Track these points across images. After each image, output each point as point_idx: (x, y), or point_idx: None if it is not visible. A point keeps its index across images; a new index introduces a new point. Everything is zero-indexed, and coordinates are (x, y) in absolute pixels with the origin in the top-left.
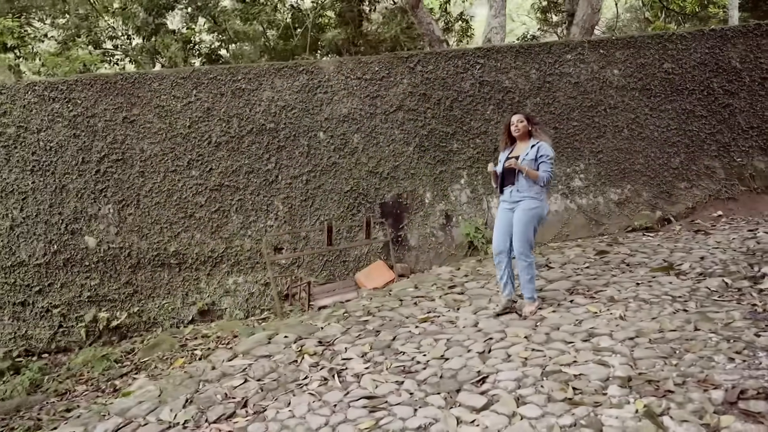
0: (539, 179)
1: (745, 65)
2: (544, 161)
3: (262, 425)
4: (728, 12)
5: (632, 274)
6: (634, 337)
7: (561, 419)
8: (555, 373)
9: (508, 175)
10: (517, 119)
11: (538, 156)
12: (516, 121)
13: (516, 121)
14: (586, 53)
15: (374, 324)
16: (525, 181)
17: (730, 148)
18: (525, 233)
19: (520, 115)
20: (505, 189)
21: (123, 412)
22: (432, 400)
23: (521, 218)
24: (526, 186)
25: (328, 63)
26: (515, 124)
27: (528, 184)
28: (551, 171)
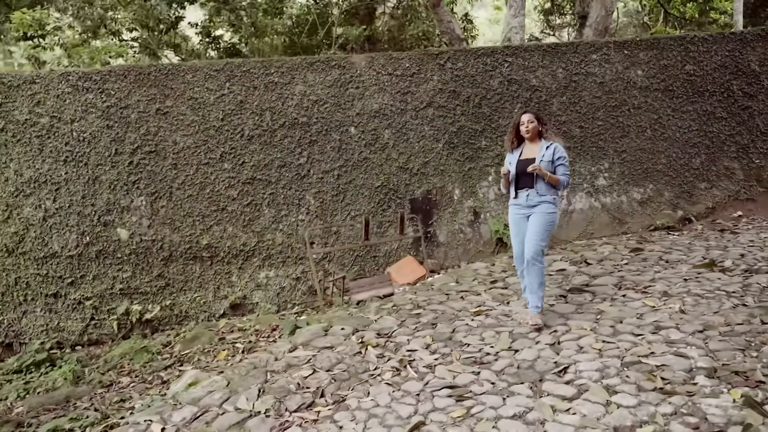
0: (560, 184)
1: (764, 68)
2: (563, 164)
3: (347, 414)
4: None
5: (675, 270)
6: (702, 330)
7: (660, 408)
8: (635, 364)
9: (524, 179)
10: (527, 119)
11: (556, 158)
12: (526, 121)
13: (526, 120)
14: (611, 54)
15: (428, 317)
16: (544, 184)
17: (749, 149)
18: (541, 236)
19: (530, 115)
20: (520, 192)
21: (195, 401)
22: (517, 389)
23: (539, 221)
24: (544, 189)
25: (360, 58)
26: (525, 125)
27: (546, 187)
28: (569, 174)
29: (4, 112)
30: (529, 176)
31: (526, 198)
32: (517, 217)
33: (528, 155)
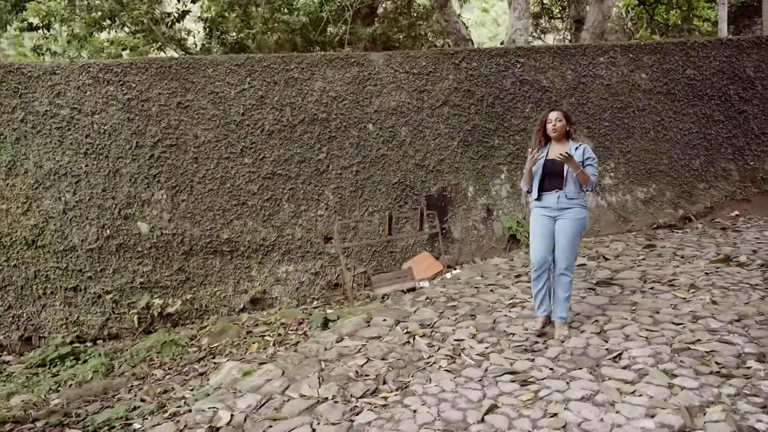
0: (589, 183)
1: (758, 74)
2: (591, 164)
3: (416, 399)
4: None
5: (693, 265)
6: (738, 320)
7: (723, 389)
8: (685, 350)
9: (552, 179)
10: (555, 117)
11: (585, 158)
12: (554, 119)
13: (554, 119)
14: (617, 57)
15: (464, 309)
16: (574, 186)
17: (744, 151)
18: (574, 246)
19: (559, 113)
20: (547, 194)
21: (255, 389)
22: (577, 374)
23: (571, 229)
24: (575, 192)
25: (378, 56)
26: (553, 123)
27: (577, 189)
28: (597, 175)
29: (24, 103)
30: (558, 177)
31: (557, 201)
32: (544, 218)
33: (554, 155)
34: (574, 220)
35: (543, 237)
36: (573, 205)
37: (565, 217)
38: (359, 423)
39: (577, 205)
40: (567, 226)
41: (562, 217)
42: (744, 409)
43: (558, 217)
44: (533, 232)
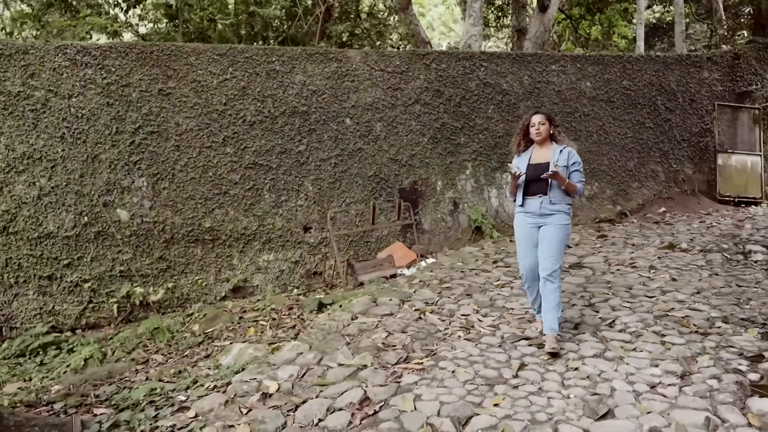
0: (576, 192)
1: (680, 87)
2: (578, 170)
3: (449, 362)
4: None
5: (644, 251)
6: (698, 292)
7: (704, 343)
8: (664, 316)
9: (536, 184)
10: (538, 120)
11: (570, 163)
12: (537, 123)
13: (537, 122)
14: (567, 66)
15: (459, 290)
16: (558, 191)
17: (669, 155)
18: (559, 252)
19: (542, 116)
20: (530, 199)
21: (289, 361)
22: (583, 338)
23: (556, 235)
24: (559, 197)
25: (355, 53)
26: (536, 126)
27: (561, 194)
28: (584, 181)
29: None
30: (541, 182)
31: (539, 206)
32: (527, 227)
33: (539, 159)
34: (558, 226)
35: (529, 245)
36: (556, 211)
37: (549, 222)
38: (406, 383)
39: (560, 211)
40: (550, 233)
41: (546, 224)
42: (725, 357)
43: (541, 223)
44: (519, 242)
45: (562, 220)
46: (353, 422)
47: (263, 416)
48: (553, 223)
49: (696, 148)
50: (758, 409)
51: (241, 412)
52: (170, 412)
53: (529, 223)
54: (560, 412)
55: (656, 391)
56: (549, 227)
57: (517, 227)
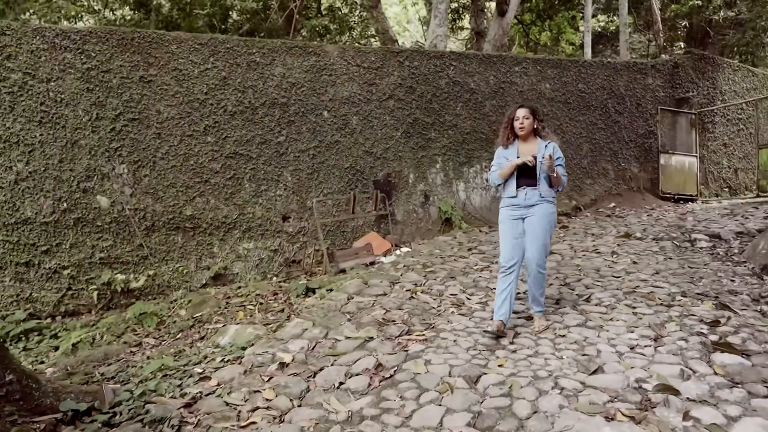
0: (561, 184)
1: (628, 92)
2: (561, 164)
3: (449, 333)
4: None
5: (603, 240)
6: (657, 273)
7: (670, 313)
8: (632, 293)
9: (524, 177)
10: (522, 114)
11: (555, 158)
12: (521, 117)
13: (521, 116)
14: (529, 68)
15: (442, 273)
16: (545, 183)
17: (618, 155)
18: (546, 241)
19: (526, 110)
20: (518, 191)
21: (296, 336)
22: (565, 311)
23: (542, 224)
24: (546, 189)
25: (333, 48)
26: (520, 120)
27: (548, 188)
28: (567, 175)
29: None
30: (530, 175)
31: (525, 197)
32: (513, 218)
33: (524, 152)
34: (544, 216)
35: (513, 237)
36: (542, 201)
37: (535, 213)
38: (413, 351)
39: (547, 201)
40: (539, 221)
41: (532, 214)
42: (689, 323)
43: (527, 215)
44: (504, 232)
45: (548, 209)
46: (372, 384)
47: (285, 382)
48: (538, 213)
49: (641, 148)
50: (721, 361)
51: (262, 379)
52: (192, 382)
53: (514, 214)
54: (557, 369)
55: (635, 351)
56: (535, 218)
57: (502, 221)
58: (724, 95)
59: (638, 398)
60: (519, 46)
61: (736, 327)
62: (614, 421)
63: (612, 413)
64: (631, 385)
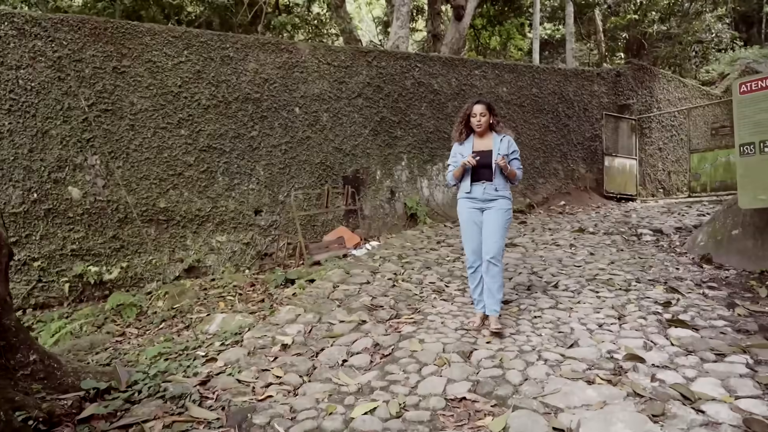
0: (516, 179)
1: (576, 97)
2: (516, 158)
3: (436, 317)
4: (533, 56)
5: (560, 234)
6: (612, 263)
7: (628, 296)
8: (593, 279)
9: (481, 171)
10: (479, 111)
11: (510, 152)
12: (478, 114)
13: (478, 113)
14: (488, 71)
15: (417, 264)
16: (501, 178)
17: (567, 156)
18: (501, 235)
19: (482, 106)
20: (475, 186)
21: (291, 321)
22: (536, 295)
23: (499, 219)
24: (503, 184)
25: (304, 46)
26: (477, 117)
27: (503, 181)
28: (522, 168)
29: None
30: (486, 169)
31: (483, 191)
32: (472, 211)
33: (481, 147)
34: (501, 211)
35: (475, 231)
36: (499, 197)
37: (494, 207)
38: (406, 332)
39: (503, 196)
40: (493, 217)
41: (490, 208)
42: (645, 304)
43: (485, 207)
44: (465, 228)
45: (505, 205)
46: (374, 361)
47: (291, 361)
48: (495, 207)
49: (588, 150)
50: (675, 335)
51: (268, 359)
52: (200, 363)
53: (472, 208)
54: (539, 344)
55: (603, 328)
56: (492, 211)
57: (462, 212)
58: (659, 103)
59: (611, 366)
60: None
61: (685, 307)
62: (594, 384)
63: (591, 378)
64: (604, 356)
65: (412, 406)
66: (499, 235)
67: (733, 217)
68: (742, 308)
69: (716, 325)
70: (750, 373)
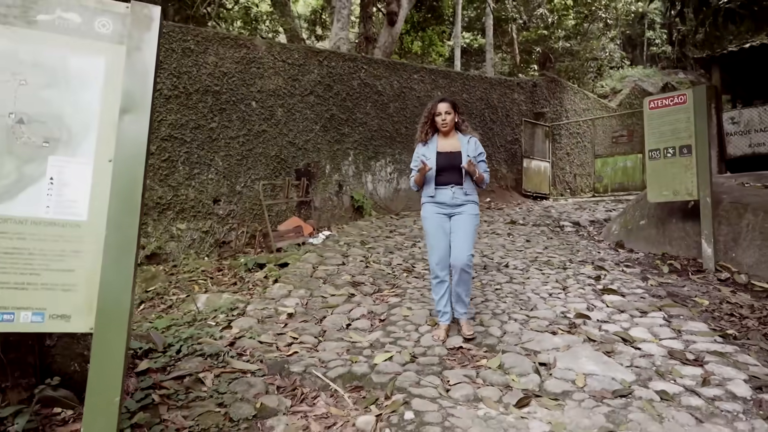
0: (484, 181)
1: (499, 104)
2: (483, 160)
3: (414, 291)
4: (455, 63)
5: (496, 225)
6: (546, 248)
7: (566, 273)
8: (535, 260)
9: (447, 174)
10: (444, 110)
11: (477, 153)
12: (443, 112)
13: (443, 111)
14: (425, 76)
15: (380, 249)
16: (470, 181)
17: (492, 157)
18: (472, 241)
19: (448, 104)
20: (442, 189)
21: (284, 296)
22: (492, 273)
23: (468, 225)
24: (472, 188)
25: (261, 42)
26: (443, 116)
27: (472, 185)
28: (488, 171)
29: None
30: (453, 172)
31: (452, 196)
32: (439, 217)
33: (447, 148)
34: (472, 215)
35: (442, 237)
36: (468, 201)
37: (464, 212)
38: (393, 302)
39: (472, 201)
40: (463, 222)
41: (459, 213)
42: (581, 279)
43: (453, 213)
44: (431, 234)
45: (475, 209)
46: (374, 324)
47: (301, 327)
48: (465, 212)
49: (509, 153)
50: (609, 300)
51: (279, 326)
52: (217, 331)
53: (440, 213)
54: (507, 308)
55: (553, 297)
56: (462, 216)
57: (428, 218)
58: (568, 113)
59: (567, 322)
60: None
61: (611, 280)
62: (557, 334)
63: (554, 330)
64: (559, 315)
65: (420, 354)
66: (470, 242)
67: (640, 210)
68: (653, 280)
69: (636, 293)
70: (666, 323)
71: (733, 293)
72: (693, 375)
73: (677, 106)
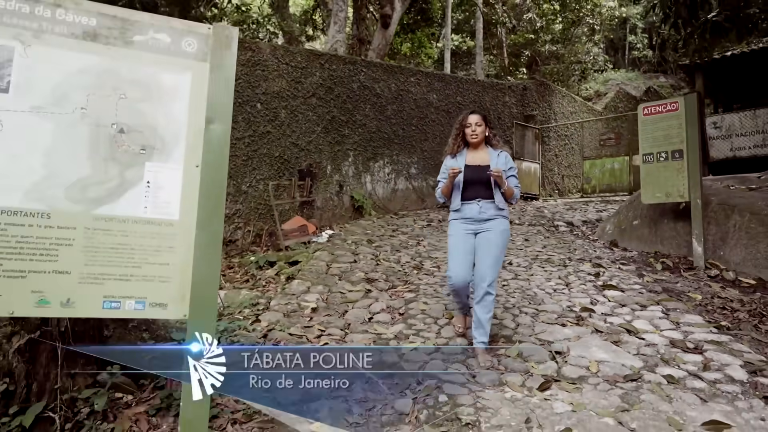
0: (513, 197)
1: (492, 107)
2: (514, 175)
3: (428, 287)
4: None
5: None
6: (545, 247)
7: (567, 270)
8: (536, 258)
9: (475, 188)
10: (475, 121)
11: (507, 168)
12: (474, 124)
13: (474, 123)
14: (421, 79)
15: (387, 247)
16: (501, 196)
17: None
18: (500, 260)
19: (479, 117)
20: (468, 204)
21: (304, 292)
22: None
23: (498, 242)
24: (502, 201)
25: (265, 45)
26: (473, 127)
27: (502, 199)
28: (520, 187)
29: None
30: (481, 186)
31: (479, 210)
32: (465, 232)
33: (476, 161)
34: (502, 231)
35: (465, 254)
36: (498, 216)
37: (490, 228)
38: (409, 298)
39: (502, 216)
40: (494, 238)
41: (486, 230)
42: (581, 275)
43: (480, 230)
44: (454, 248)
45: (504, 225)
46: (394, 318)
47: (325, 320)
48: (493, 228)
49: None
50: (610, 294)
51: (305, 319)
52: (248, 323)
53: (466, 230)
54: (517, 302)
55: (558, 292)
56: (489, 233)
57: (453, 234)
58: (556, 115)
59: (573, 315)
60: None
61: (610, 277)
62: (567, 326)
63: (563, 322)
64: (566, 309)
65: (443, 344)
66: (498, 261)
67: (633, 210)
68: (648, 277)
69: (634, 288)
70: (665, 316)
71: (722, 289)
72: (694, 361)
73: (670, 113)
